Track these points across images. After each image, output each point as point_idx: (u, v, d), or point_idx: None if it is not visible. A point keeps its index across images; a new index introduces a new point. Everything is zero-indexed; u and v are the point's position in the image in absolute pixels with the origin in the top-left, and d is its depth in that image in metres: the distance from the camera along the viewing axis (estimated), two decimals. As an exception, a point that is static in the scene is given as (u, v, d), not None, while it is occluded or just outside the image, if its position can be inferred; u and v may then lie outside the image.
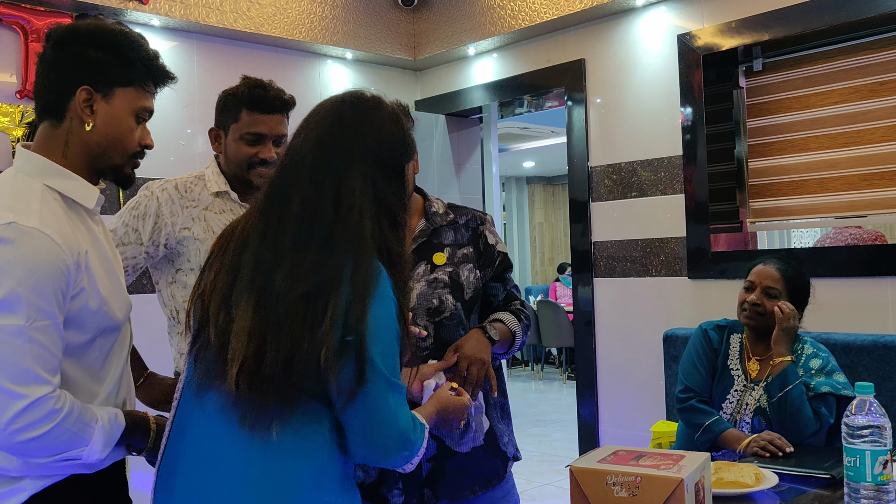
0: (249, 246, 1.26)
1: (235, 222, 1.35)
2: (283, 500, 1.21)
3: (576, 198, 3.85)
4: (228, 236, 1.32)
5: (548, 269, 11.68)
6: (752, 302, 2.33)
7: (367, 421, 1.22)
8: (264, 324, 1.20)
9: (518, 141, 8.89)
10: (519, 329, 1.84)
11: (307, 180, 1.27)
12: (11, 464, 1.31)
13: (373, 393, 1.21)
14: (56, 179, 1.37)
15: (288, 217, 1.25)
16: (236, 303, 1.23)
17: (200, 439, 1.27)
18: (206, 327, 1.25)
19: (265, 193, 1.31)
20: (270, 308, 1.21)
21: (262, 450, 1.21)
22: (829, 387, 2.21)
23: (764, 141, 3.39)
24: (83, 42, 1.39)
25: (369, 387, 1.20)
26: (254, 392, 1.19)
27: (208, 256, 1.34)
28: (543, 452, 5.49)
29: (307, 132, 1.33)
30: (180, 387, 1.36)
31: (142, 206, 1.91)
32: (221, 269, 1.27)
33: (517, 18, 3.88)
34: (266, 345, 1.19)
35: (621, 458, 1.39)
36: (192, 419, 1.30)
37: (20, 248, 1.24)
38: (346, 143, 1.29)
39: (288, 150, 1.34)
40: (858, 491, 1.43)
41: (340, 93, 1.39)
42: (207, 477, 1.24)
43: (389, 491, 1.72)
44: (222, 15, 3.62)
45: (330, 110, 1.34)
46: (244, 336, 1.20)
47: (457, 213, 1.88)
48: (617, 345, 3.69)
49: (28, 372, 1.23)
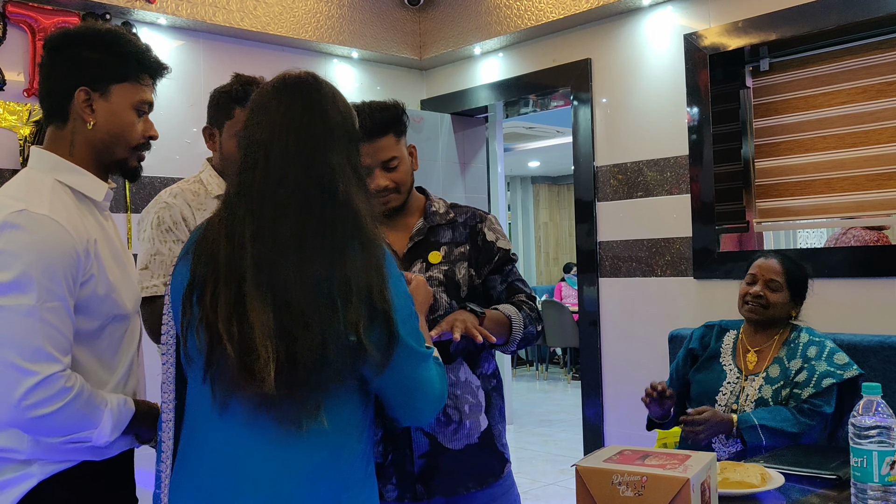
0: (245, 251, 1.21)
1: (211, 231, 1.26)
2: (330, 485, 1.24)
3: (581, 197, 3.84)
4: (212, 247, 1.24)
5: (552, 269, 11.67)
6: (756, 294, 2.36)
7: (402, 387, 1.29)
8: (287, 319, 1.18)
9: (523, 141, 8.88)
10: (517, 316, 1.76)
11: (288, 171, 1.24)
12: (22, 445, 1.35)
13: (403, 360, 1.26)
14: (66, 174, 1.43)
15: (279, 211, 1.22)
16: (249, 310, 1.19)
17: (225, 456, 1.24)
18: (219, 345, 1.20)
19: (240, 192, 1.25)
20: (287, 303, 1.19)
21: (300, 444, 1.22)
22: (830, 377, 2.21)
23: (771, 141, 3.38)
24: (75, 45, 1.44)
25: (400, 354, 1.25)
26: (294, 388, 1.18)
27: (192, 275, 1.25)
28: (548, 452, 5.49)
29: (271, 121, 1.27)
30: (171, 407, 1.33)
31: (167, 219, 1.88)
32: (219, 283, 1.21)
33: (523, 18, 3.88)
34: (295, 339, 1.18)
35: (627, 457, 1.39)
36: (212, 438, 1.26)
37: (31, 233, 1.30)
38: (322, 123, 1.28)
39: (250, 148, 1.27)
40: (865, 492, 1.42)
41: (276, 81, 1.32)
42: (233, 489, 1.22)
43: (384, 486, 1.72)
44: (229, 14, 3.63)
45: (283, 99, 1.29)
46: (272, 338, 1.17)
47: (457, 212, 1.87)
48: (622, 345, 3.69)
49: (40, 350, 1.28)
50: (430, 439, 1.73)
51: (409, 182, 1.82)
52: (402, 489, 1.72)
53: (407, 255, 1.80)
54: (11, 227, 1.30)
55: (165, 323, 1.37)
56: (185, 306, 1.24)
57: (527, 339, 1.80)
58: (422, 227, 1.83)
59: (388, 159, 1.75)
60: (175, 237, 1.86)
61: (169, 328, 1.36)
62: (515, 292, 1.85)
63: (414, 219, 1.85)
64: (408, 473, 1.72)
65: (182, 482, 1.29)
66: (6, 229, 1.30)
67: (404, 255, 1.80)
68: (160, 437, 1.37)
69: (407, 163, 1.80)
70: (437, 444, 1.73)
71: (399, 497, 1.72)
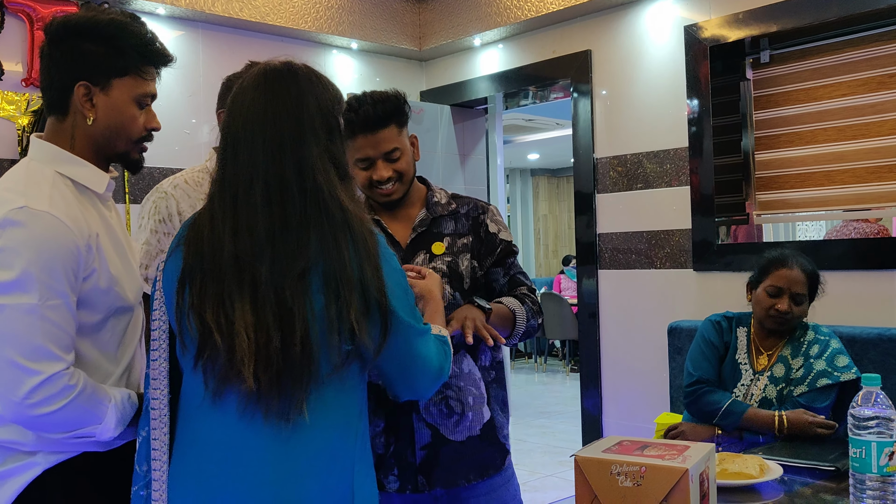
0: (225, 246, 1.22)
1: (199, 225, 1.27)
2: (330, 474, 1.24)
3: (581, 190, 3.84)
4: (198, 241, 1.25)
5: (552, 262, 11.67)
6: (783, 311, 2.29)
7: (401, 364, 1.33)
8: (267, 315, 1.19)
9: (523, 133, 8.87)
10: (521, 310, 1.79)
11: (264, 163, 1.23)
12: (25, 438, 1.35)
13: (401, 339, 1.29)
14: (67, 166, 1.41)
15: (255, 206, 1.22)
16: (232, 305, 1.20)
17: (221, 446, 1.24)
18: (210, 336, 1.21)
19: (220, 188, 1.26)
20: (267, 299, 1.19)
21: (291, 437, 1.22)
22: (826, 378, 2.20)
23: (771, 133, 3.37)
24: (76, 36, 1.41)
25: (397, 335, 1.28)
26: (275, 384, 1.19)
27: (183, 268, 1.26)
28: (547, 444, 5.50)
29: (244, 116, 1.27)
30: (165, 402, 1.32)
31: (162, 209, 1.89)
32: (206, 277, 1.22)
33: (523, 9, 3.87)
34: (276, 333, 1.18)
35: (626, 448, 1.39)
36: (206, 430, 1.26)
37: (31, 230, 1.29)
38: (293, 116, 1.26)
39: (227, 139, 1.27)
40: (864, 482, 1.43)
41: (257, 70, 1.32)
42: (236, 481, 1.22)
43: (385, 477, 1.72)
44: (228, 4, 3.61)
45: (261, 88, 1.28)
46: (250, 333, 1.18)
47: (459, 203, 1.87)
48: (621, 337, 3.69)
49: (41, 348, 1.27)
50: (432, 431, 1.73)
51: (411, 172, 1.81)
52: (404, 480, 1.73)
53: (410, 245, 1.80)
54: (12, 225, 1.28)
55: (157, 318, 1.35)
56: (178, 297, 1.25)
57: (528, 333, 1.82)
58: (425, 218, 1.82)
59: (390, 150, 1.75)
60: (166, 229, 1.86)
61: (161, 323, 1.35)
62: (517, 285, 1.86)
63: (416, 209, 1.84)
64: (409, 465, 1.72)
65: (181, 473, 1.28)
66: (7, 227, 1.29)
67: (407, 246, 1.80)
68: (145, 433, 1.33)
69: (409, 153, 1.80)
70: (438, 436, 1.73)
71: (400, 488, 1.73)
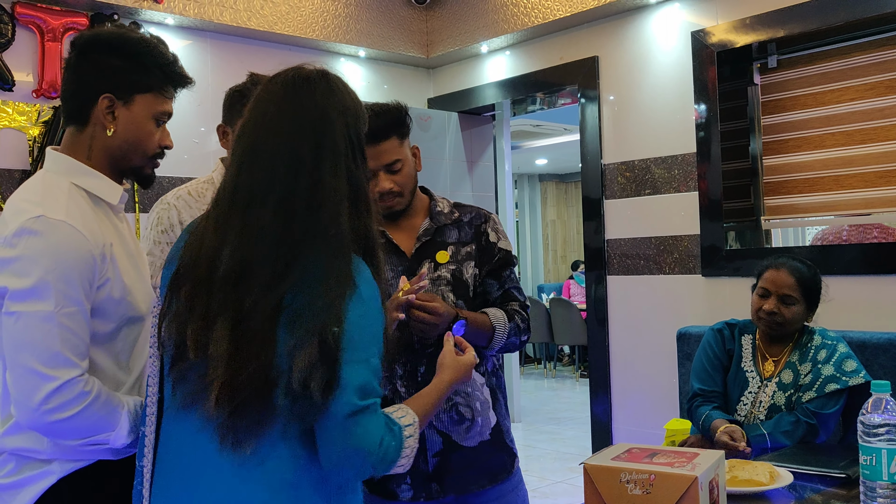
0: (222, 262, 1.17)
1: (199, 234, 1.24)
2: None
3: (589, 195, 3.84)
4: (197, 248, 1.22)
5: (560, 267, 11.65)
6: (769, 311, 2.28)
7: (329, 436, 1.15)
8: (240, 347, 1.14)
9: (531, 138, 8.87)
10: (502, 326, 1.76)
11: (256, 187, 1.17)
12: (42, 446, 1.38)
13: (336, 408, 1.14)
14: (82, 178, 1.45)
15: (245, 230, 1.17)
16: (214, 325, 1.16)
17: (182, 457, 1.23)
18: (186, 351, 1.18)
19: (231, 200, 1.20)
20: (244, 330, 1.15)
21: (244, 466, 1.17)
22: (834, 382, 2.19)
23: (779, 138, 3.37)
24: (105, 50, 1.45)
25: (335, 401, 1.14)
26: (234, 416, 1.15)
27: (175, 272, 1.24)
28: (556, 450, 5.49)
29: (264, 126, 1.21)
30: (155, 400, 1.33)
31: (165, 220, 1.90)
32: (195, 287, 1.19)
33: (530, 16, 3.88)
34: (242, 368, 1.14)
35: (635, 455, 1.39)
36: (173, 437, 1.26)
37: (48, 239, 1.32)
38: (314, 133, 1.19)
39: (243, 148, 1.22)
40: (874, 490, 1.42)
41: (284, 76, 1.25)
42: (193, 494, 1.20)
43: (398, 486, 1.73)
44: (236, 13, 3.64)
45: (284, 99, 1.22)
46: (223, 361, 1.14)
47: (461, 212, 1.88)
48: (630, 342, 3.68)
49: (58, 355, 1.30)
50: (444, 438, 1.73)
51: (412, 184, 1.82)
52: (417, 489, 1.73)
53: (415, 255, 1.81)
54: (29, 234, 1.32)
55: (155, 316, 1.34)
56: (166, 301, 1.23)
57: (507, 349, 1.81)
58: (429, 228, 1.83)
59: (391, 162, 1.75)
60: (168, 239, 1.88)
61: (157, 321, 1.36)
62: (510, 300, 1.86)
63: (419, 219, 1.85)
64: (422, 473, 1.73)
65: (158, 472, 1.28)
66: (24, 235, 1.32)
67: (412, 256, 1.81)
68: (143, 431, 1.36)
69: (410, 165, 1.80)
70: (450, 443, 1.74)
71: (414, 497, 1.73)
